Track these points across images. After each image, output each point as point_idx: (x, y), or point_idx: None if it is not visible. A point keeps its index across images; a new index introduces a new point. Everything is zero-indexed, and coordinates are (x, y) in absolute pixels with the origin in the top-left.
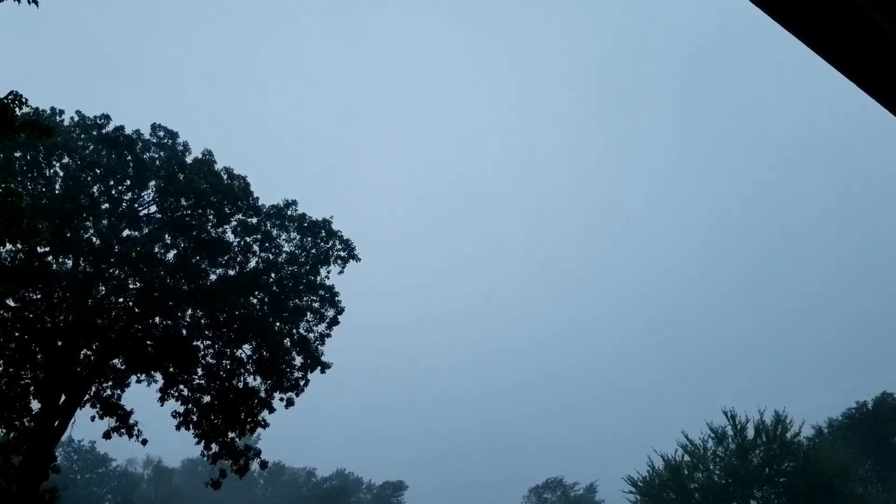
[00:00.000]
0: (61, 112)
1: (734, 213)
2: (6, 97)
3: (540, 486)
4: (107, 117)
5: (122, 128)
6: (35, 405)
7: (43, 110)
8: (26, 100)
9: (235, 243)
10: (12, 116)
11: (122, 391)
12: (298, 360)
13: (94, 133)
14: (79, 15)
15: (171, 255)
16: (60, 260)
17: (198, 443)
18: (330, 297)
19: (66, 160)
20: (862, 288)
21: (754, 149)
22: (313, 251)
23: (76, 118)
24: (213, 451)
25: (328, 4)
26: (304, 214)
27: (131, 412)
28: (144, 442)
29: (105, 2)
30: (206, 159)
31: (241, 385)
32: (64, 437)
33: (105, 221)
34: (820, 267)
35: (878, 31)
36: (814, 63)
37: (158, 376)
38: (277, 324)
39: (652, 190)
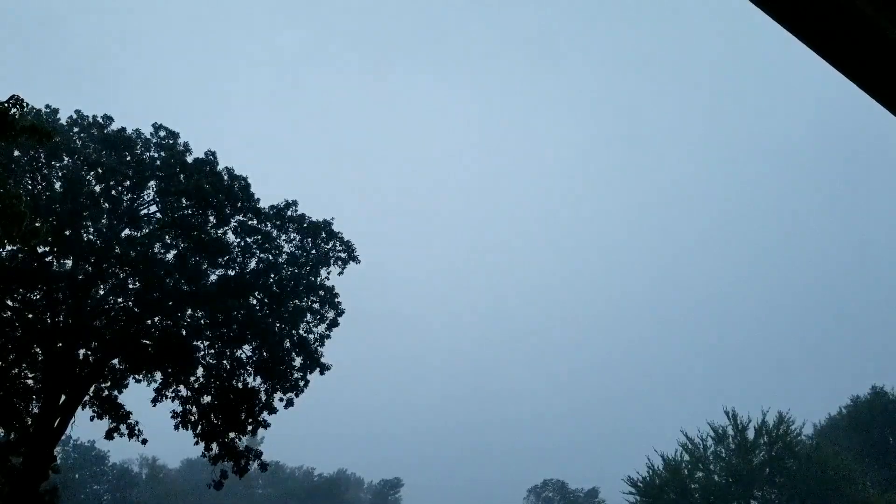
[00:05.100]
0: (56, 111)
1: (733, 213)
2: (7, 101)
3: (539, 486)
4: (108, 118)
5: (123, 129)
6: (35, 405)
7: (38, 109)
8: (27, 104)
9: (235, 244)
10: (13, 120)
11: (121, 391)
12: (298, 361)
13: (94, 132)
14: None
15: (171, 255)
16: (60, 260)
17: (197, 443)
18: (330, 299)
19: (65, 160)
20: (863, 285)
21: (749, 151)
22: (313, 252)
23: (74, 116)
24: (213, 451)
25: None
26: (303, 215)
27: (130, 413)
28: (144, 442)
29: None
30: (208, 159)
31: (241, 385)
32: (63, 437)
33: (105, 221)
34: (819, 265)
35: (878, 32)
36: (811, 63)
37: (158, 376)
38: (277, 324)
39: (648, 193)
